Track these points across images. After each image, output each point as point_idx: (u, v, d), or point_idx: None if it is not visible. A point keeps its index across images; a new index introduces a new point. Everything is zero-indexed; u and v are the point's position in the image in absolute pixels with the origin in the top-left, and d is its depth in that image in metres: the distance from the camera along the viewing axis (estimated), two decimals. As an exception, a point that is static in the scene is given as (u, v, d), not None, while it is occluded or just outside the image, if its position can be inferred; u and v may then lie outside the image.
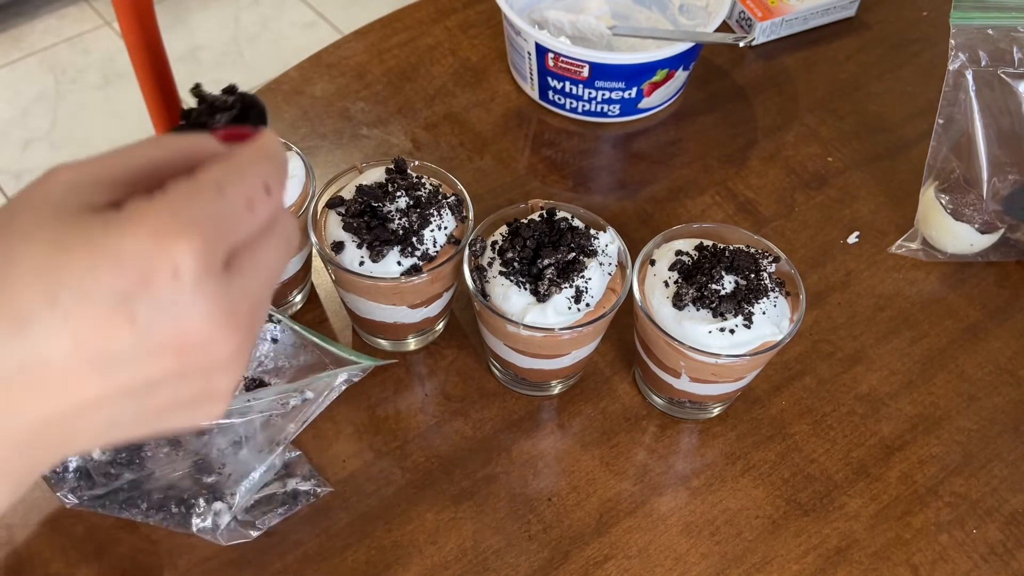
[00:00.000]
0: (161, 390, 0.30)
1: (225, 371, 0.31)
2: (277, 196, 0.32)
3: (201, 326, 0.29)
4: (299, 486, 0.62)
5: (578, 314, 0.59)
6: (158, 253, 0.28)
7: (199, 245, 0.29)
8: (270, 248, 0.32)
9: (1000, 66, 0.69)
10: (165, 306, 0.29)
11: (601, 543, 0.61)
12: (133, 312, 0.28)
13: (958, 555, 0.61)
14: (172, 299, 0.29)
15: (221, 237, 0.30)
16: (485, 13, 0.95)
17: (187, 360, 0.30)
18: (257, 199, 0.31)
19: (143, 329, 0.29)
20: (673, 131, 0.86)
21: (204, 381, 0.31)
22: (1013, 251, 0.75)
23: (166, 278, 0.28)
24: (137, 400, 0.30)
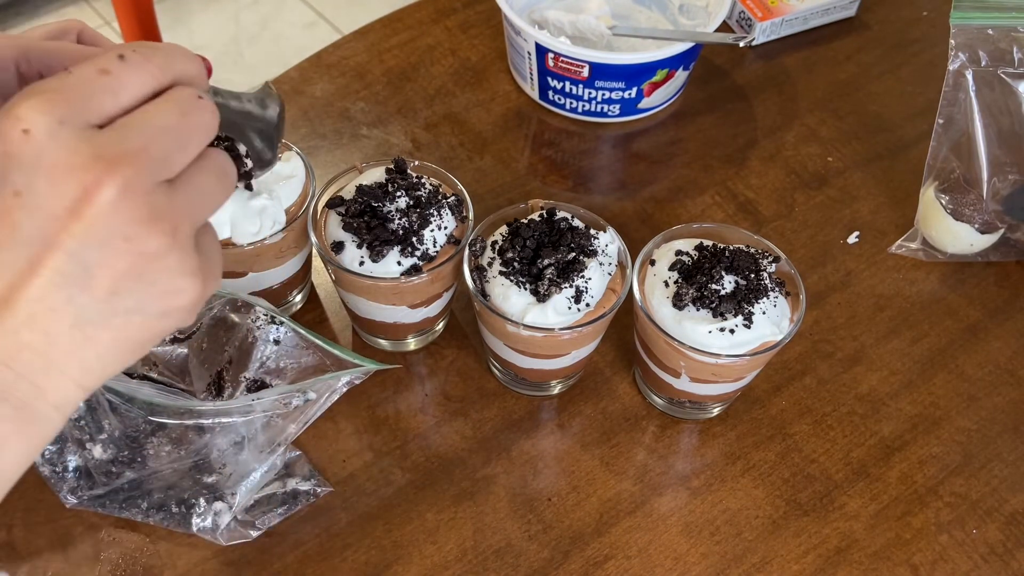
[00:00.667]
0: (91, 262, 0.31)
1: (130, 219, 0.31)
2: (140, 62, 0.33)
3: (71, 170, 0.30)
4: (299, 486, 0.62)
5: (578, 314, 0.59)
6: (9, 122, 0.30)
7: (44, 103, 0.30)
8: (154, 109, 0.33)
9: (1000, 66, 0.69)
10: (31, 165, 0.30)
11: (601, 543, 0.61)
12: (14, 185, 0.30)
13: (958, 555, 0.61)
14: (34, 156, 0.30)
15: (75, 98, 0.31)
16: (485, 13, 0.95)
17: (81, 211, 0.30)
18: (111, 66, 0.32)
19: (28, 196, 0.30)
20: (673, 131, 0.86)
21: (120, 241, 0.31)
22: (1013, 251, 0.75)
23: (19, 139, 0.30)
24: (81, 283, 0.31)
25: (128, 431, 0.61)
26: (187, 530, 0.60)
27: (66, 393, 0.33)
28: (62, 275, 0.31)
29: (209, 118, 0.35)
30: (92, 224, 0.31)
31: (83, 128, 0.31)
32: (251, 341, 0.63)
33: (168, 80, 0.34)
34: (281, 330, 0.64)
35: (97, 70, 0.32)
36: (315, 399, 0.61)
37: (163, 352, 0.64)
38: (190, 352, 0.64)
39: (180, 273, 0.33)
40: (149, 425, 0.60)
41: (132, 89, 0.33)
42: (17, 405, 0.32)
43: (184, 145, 0.34)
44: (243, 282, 0.66)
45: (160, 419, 0.60)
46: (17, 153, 0.30)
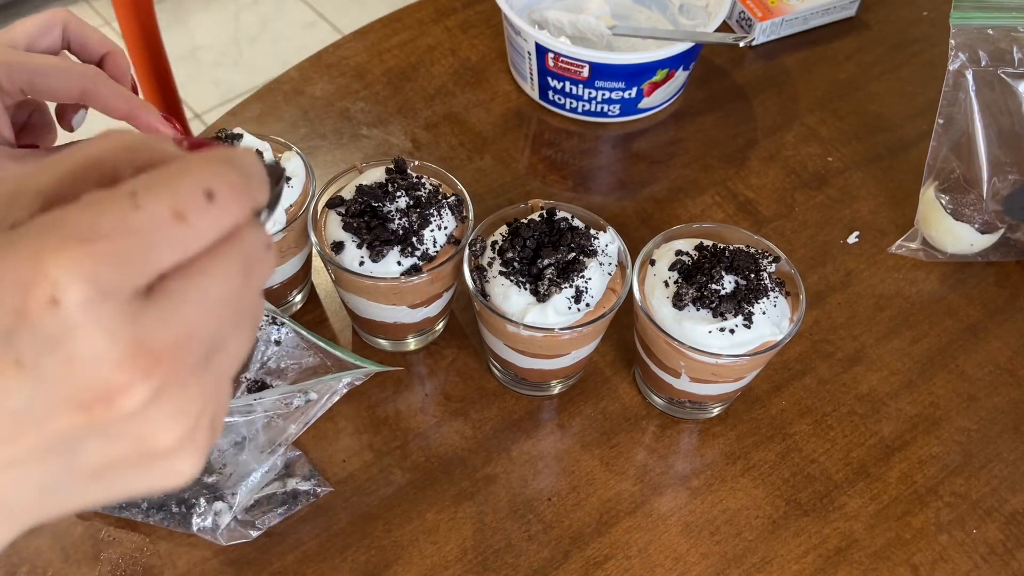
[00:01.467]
0: (84, 447, 0.25)
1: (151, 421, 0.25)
2: (227, 203, 0.25)
3: (98, 365, 0.23)
4: (299, 486, 0.62)
5: (578, 314, 0.59)
6: (33, 277, 0.23)
7: (87, 266, 0.23)
8: (216, 270, 0.25)
9: (1000, 66, 0.69)
10: (49, 343, 0.23)
11: (601, 543, 0.61)
12: (18, 352, 0.23)
13: (958, 555, 0.61)
14: (56, 334, 0.23)
15: (130, 257, 0.24)
16: (485, 13, 0.95)
17: (91, 411, 0.24)
18: (192, 209, 0.24)
19: (32, 372, 0.23)
20: (673, 131, 0.86)
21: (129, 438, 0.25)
22: (1013, 251, 0.75)
23: (42, 307, 0.23)
24: (61, 461, 0.25)
25: None
26: (187, 530, 0.60)
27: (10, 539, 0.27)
28: (41, 453, 0.25)
29: (270, 272, 0.28)
30: (102, 423, 0.24)
31: (128, 302, 0.24)
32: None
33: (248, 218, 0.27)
34: (282, 331, 0.64)
35: (173, 213, 0.24)
36: (316, 399, 0.61)
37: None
38: None
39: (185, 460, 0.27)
40: None
41: (205, 240, 0.25)
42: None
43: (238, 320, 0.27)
44: (243, 282, 0.66)
45: None
46: (34, 320, 0.23)
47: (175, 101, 1.19)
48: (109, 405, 0.24)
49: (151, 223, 0.24)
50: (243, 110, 0.86)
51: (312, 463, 0.64)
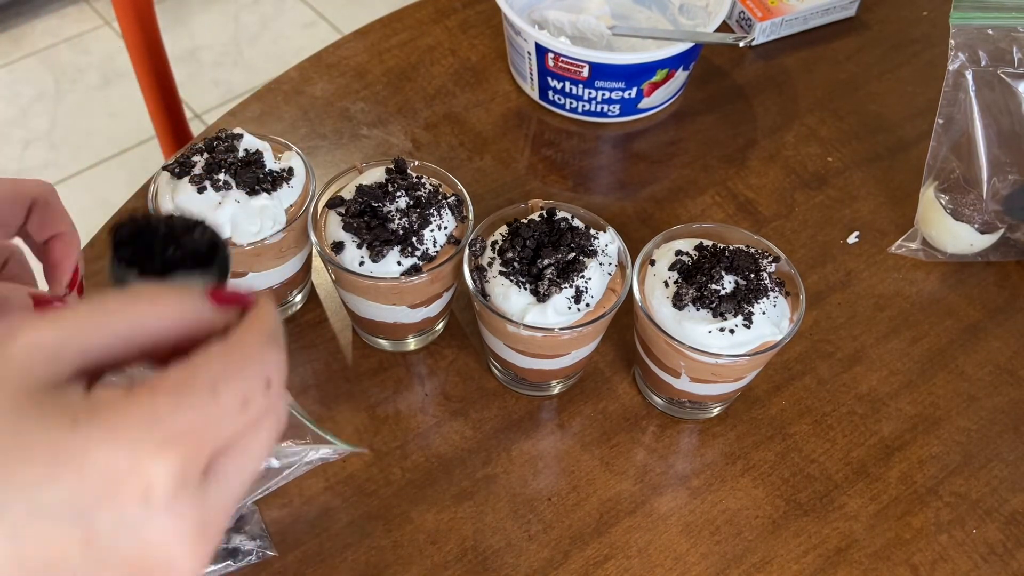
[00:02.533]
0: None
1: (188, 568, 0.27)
2: (278, 388, 0.28)
3: (166, 548, 0.26)
4: (243, 544, 0.59)
5: (578, 314, 0.59)
6: (131, 470, 0.24)
7: (179, 462, 0.25)
8: (257, 445, 0.28)
9: (1000, 66, 0.69)
10: (128, 527, 0.25)
11: (601, 543, 0.61)
12: (91, 529, 0.25)
13: (958, 555, 0.61)
14: (138, 521, 0.25)
15: (206, 445, 0.26)
16: (485, 13, 0.95)
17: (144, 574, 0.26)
18: (254, 399, 0.27)
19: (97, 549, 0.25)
20: (673, 131, 0.86)
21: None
22: (1013, 251, 0.75)
23: (135, 499, 0.25)
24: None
25: None
26: None
27: None
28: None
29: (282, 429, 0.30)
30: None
31: (197, 486, 0.26)
32: None
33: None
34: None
35: (241, 402, 0.26)
36: (279, 468, 0.59)
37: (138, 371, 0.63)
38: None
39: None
40: None
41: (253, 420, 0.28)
42: None
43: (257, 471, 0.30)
44: (243, 282, 0.66)
45: None
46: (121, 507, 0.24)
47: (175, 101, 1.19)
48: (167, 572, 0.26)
49: (225, 414, 0.26)
50: (243, 110, 0.86)
51: (265, 523, 0.61)
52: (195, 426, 0.26)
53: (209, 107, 1.96)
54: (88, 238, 0.76)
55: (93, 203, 1.78)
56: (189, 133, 1.22)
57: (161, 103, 1.17)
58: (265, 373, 0.28)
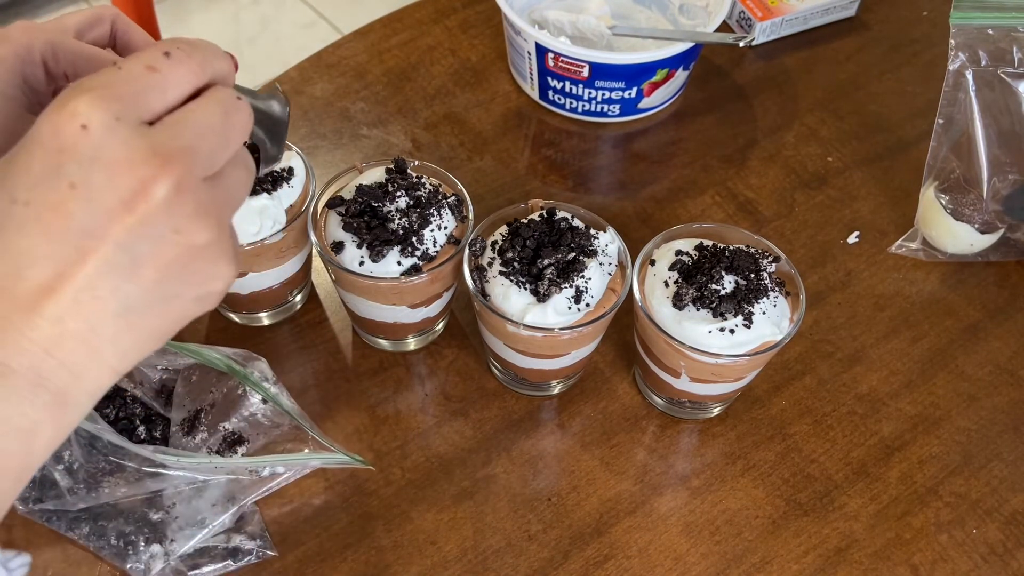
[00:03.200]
0: (139, 252, 0.32)
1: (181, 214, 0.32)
2: (184, 60, 0.34)
3: (130, 165, 0.31)
4: (243, 544, 0.59)
5: (578, 314, 0.59)
6: (63, 116, 0.31)
7: (99, 98, 0.31)
8: (199, 108, 0.34)
9: (1000, 66, 0.69)
10: (89, 159, 0.31)
11: (601, 543, 0.61)
12: (70, 178, 0.31)
13: (958, 555, 0.61)
14: (93, 150, 0.31)
15: (126, 94, 0.32)
16: (485, 13, 0.95)
17: (135, 205, 0.31)
18: (158, 63, 0.33)
19: (84, 189, 0.31)
20: (673, 131, 0.86)
21: (170, 234, 0.32)
22: (1013, 251, 0.75)
23: (77, 134, 0.31)
24: (125, 272, 0.32)
25: (87, 466, 0.58)
26: (121, 565, 0.58)
27: (101, 380, 0.34)
28: (110, 265, 0.31)
29: (246, 118, 0.36)
30: (145, 218, 0.31)
31: (137, 125, 0.32)
32: (240, 393, 0.62)
33: (207, 79, 0.35)
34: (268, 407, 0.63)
35: (145, 66, 0.33)
36: (282, 472, 0.60)
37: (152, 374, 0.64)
38: (179, 378, 0.63)
39: (221, 261, 0.35)
40: (109, 464, 0.58)
41: (178, 87, 0.34)
42: (55, 392, 0.33)
43: (226, 144, 0.35)
44: (243, 282, 0.66)
45: (121, 461, 0.58)
46: (73, 147, 0.31)
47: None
48: (146, 196, 0.31)
49: (132, 74, 0.33)
50: (243, 110, 0.86)
51: (265, 522, 0.61)
52: (103, 81, 0.32)
53: (209, 107, 1.96)
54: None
55: (93, 203, 1.78)
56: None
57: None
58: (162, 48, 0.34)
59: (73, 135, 0.31)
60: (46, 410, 0.33)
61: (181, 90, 0.34)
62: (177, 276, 0.34)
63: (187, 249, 0.33)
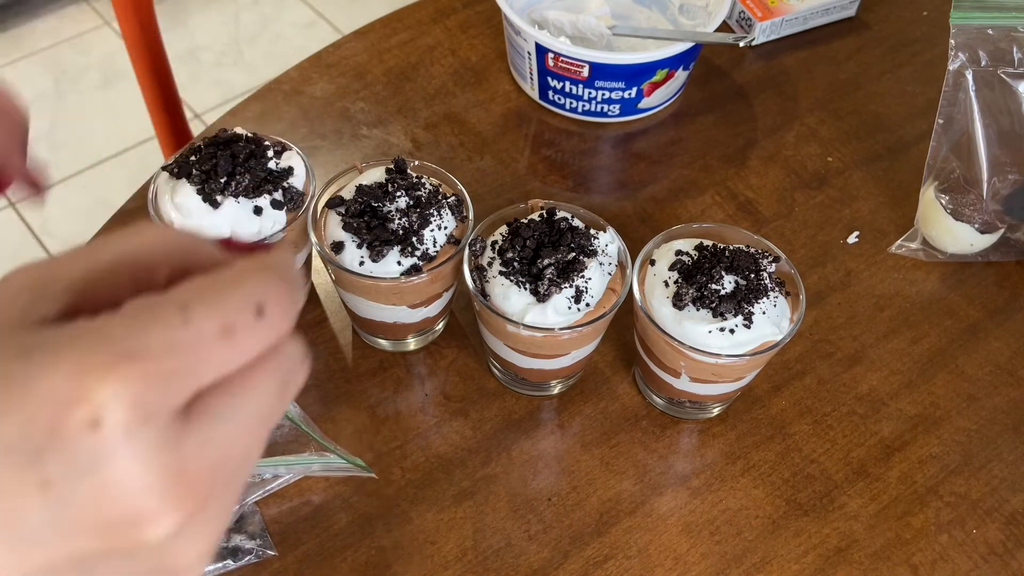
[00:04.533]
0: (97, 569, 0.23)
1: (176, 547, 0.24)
2: (275, 320, 0.24)
3: (130, 496, 0.22)
4: (243, 543, 0.59)
5: (578, 314, 0.59)
6: (75, 396, 0.21)
7: (131, 386, 0.22)
8: (257, 389, 0.24)
9: (1000, 66, 0.69)
10: (82, 469, 0.22)
11: (601, 543, 0.61)
12: (46, 473, 0.22)
13: (958, 555, 0.61)
14: (91, 460, 0.22)
15: (176, 376, 0.22)
16: (485, 13, 0.95)
17: (115, 538, 0.23)
18: (240, 326, 0.23)
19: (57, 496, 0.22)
20: (673, 131, 0.86)
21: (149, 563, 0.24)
22: (1013, 251, 0.75)
23: (81, 429, 0.21)
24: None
25: None
26: None
27: None
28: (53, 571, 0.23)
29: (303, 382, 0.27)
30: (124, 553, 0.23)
31: (166, 426, 0.22)
32: None
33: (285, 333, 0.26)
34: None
35: (220, 329, 0.23)
36: (285, 474, 0.60)
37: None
38: None
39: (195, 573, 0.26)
40: None
41: (248, 357, 0.24)
42: None
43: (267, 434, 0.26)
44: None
45: None
46: (70, 441, 0.21)
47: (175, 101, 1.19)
48: (136, 533, 0.23)
49: (198, 341, 0.23)
50: (243, 110, 0.86)
51: (266, 522, 0.61)
52: (155, 349, 0.22)
53: (209, 107, 1.96)
54: (87, 239, 0.76)
55: (93, 203, 1.78)
56: (189, 133, 1.22)
57: (161, 103, 1.16)
58: (254, 299, 0.24)
59: (75, 428, 0.21)
60: None
61: (248, 360, 0.24)
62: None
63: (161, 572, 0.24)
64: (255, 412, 0.24)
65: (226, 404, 0.24)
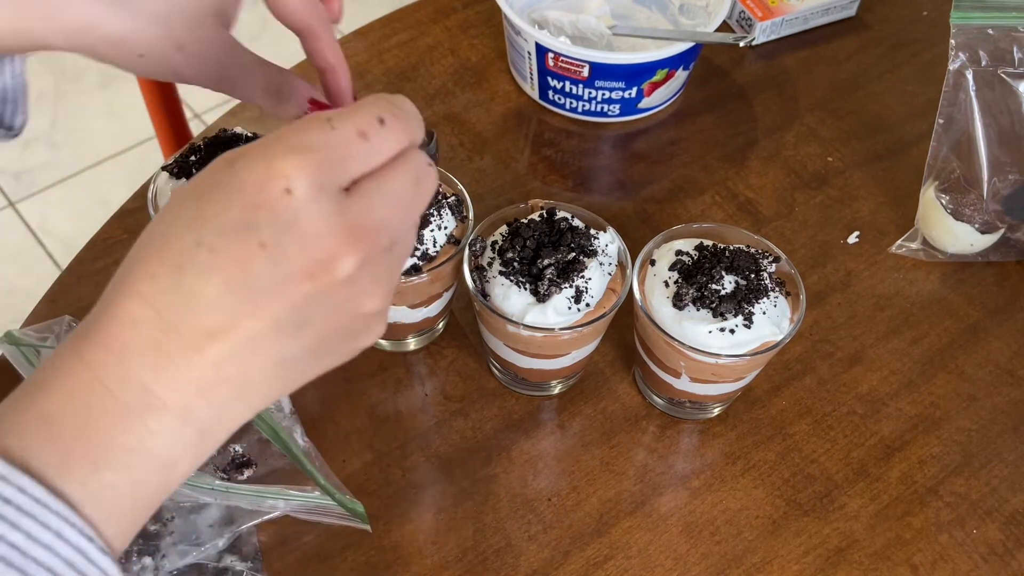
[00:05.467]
0: (312, 317, 0.32)
1: (360, 287, 0.33)
2: (396, 129, 0.34)
3: (322, 239, 0.31)
4: (233, 564, 0.58)
5: (578, 314, 0.59)
6: (270, 175, 0.31)
7: (307, 164, 0.31)
8: (396, 177, 0.34)
9: (1000, 66, 0.69)
10: (286, 224, 0.31)
11: (601, 543, 0.61)
12: (261, 236, 0.31)
13: (958, 555, 0.61)
14: (291, 216, 0.31)
15: (333, 161, 0.32)
16: (485, 13, 0.95)
17: (319, 277, 0.32)
18: (370, 130, 0.33)
19: (273, 250, 0.31)
20: (673, 131, 0.86)
21: (346, 304, 0.33)
22: (1013, 251, 0.75)
23: (279, 196, 0.31)
24: (293, 332, 0.32)
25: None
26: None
27: (242, 419, 0.35)
28: (279, 324, 0.32)
29: (434, 185, 0.36)
30: (325, 288, 0.32)
31: (337, 194, 0.32)
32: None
33: (410, 144, 0.35)
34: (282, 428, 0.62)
35: (357, 132, 0.33)
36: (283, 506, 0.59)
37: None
38: None
39: (378, 323, 0.36)
40: None
41: (382, 156, 0.34)
42: (199, 431, 0.33)
43: (413, 215, 0.35)
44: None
45: None
46: (273, 208, 0.31)
47: (175, 101, 1.19)
48: (331, 270, 0.32)
49: (344, 139, 0.33)
50: (243, 110, 0.86)
51: (261, 546, 0.60)
52: (317, 142, 0.32)
53: (209, 107, 1.96)
54: (88, 238, 0.76)
55: (93, 203, 1.78)
56: (189, 133, 1.22)
57: (161, 103, 1.16)
58: (377, 114, 0.34)
59: (275, 197, 0.31)
60: (191, 447, 0.33)
61: (383, 158, 0.34)
62: (338, 337, 0.34)
63: (355, 316, 0.34)
64: (399, 192, 0.34)
65: (375, 186, 0.33)
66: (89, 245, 0.75)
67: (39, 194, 1.82)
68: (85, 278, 0.73)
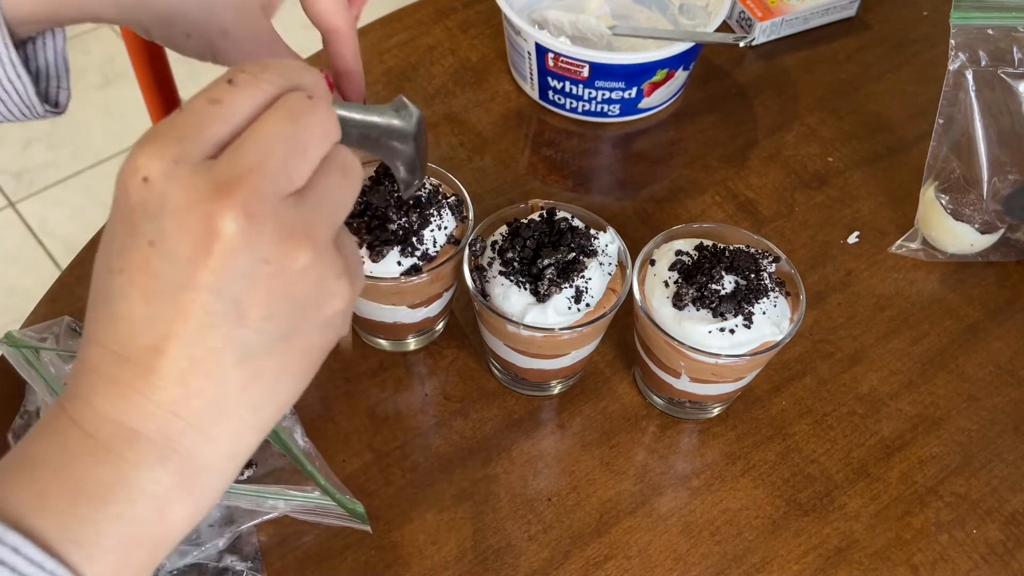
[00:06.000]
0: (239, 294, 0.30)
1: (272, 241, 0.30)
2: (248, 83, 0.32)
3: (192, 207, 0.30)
4: (233, 564, 0.58)
5: (578, 314, 0.59)
6: (129, 173, 0.30)
7: (157, 147, 0.30)
8: (266, 119, 0.32)
9: (1000, 66, 0.69)
10: (157, 211, 0.30)
11: (601, 543, 0.61)
12: (147, 235, 0.30)
13: (958, 555, 0.61)
14: (158, 201, 0.30)
15: (186, 134, 0.31)
16: (485, 13, 0.95)
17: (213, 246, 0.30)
18: (220, 94, 0.32)
19: (161, 243, 0.30)
20: (673, 131, 0.86)
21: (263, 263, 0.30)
22: (1013, 251, 0.75)
23: (141, 188, 0.30)
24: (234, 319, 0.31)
25: None
26: None
27: (238, 439, 0.33)
28: (211, 314, 0.30)
29: (324, 117, 0.33)
30: (226, 255, 0.30)
31: (198, 163, 0.30)
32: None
33: (279, 91, 0.33)
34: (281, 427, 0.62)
35: (207, 100, 0.32)
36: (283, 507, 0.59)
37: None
38: None
39: (329, 279, 0.32)
40: None
41: (244, 111, 0.32)
42: (186, 455, 0.31)
43: (302, 151, 0.32)
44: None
45: None
46: (142, 203, 0.30)
47: (175, 101, 1.19)
48: (218, 234, 0.29)
49: (194, 111, 0.31)
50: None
51: (261, 546, 0.60)
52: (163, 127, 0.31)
53: (209, 107, 1.96)
54: (88, 238, 0.76)
55: (93, 203, 1.78)
56: (189, 133, 1.22)
57: (161, 103, 1.17)
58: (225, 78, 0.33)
59: (138, 191, 0.30)
60: (177, 475, 0.31)
61: (247, 113, 0.32)
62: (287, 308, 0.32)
63: (285, 277, 0.31)
64: (270, 134, 0.31)
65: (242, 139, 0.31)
66: (89, 245, 0.75)
67: (39, 194, 1.82)
68: (85, 278, 0.72)
